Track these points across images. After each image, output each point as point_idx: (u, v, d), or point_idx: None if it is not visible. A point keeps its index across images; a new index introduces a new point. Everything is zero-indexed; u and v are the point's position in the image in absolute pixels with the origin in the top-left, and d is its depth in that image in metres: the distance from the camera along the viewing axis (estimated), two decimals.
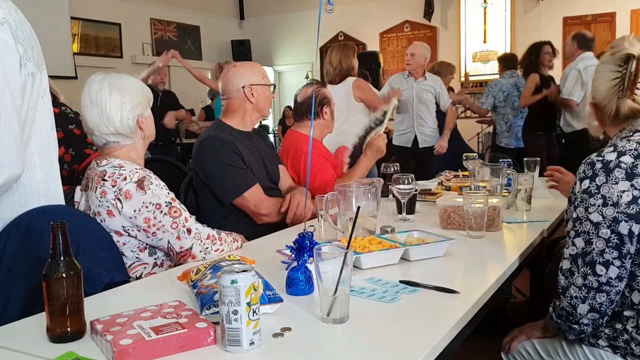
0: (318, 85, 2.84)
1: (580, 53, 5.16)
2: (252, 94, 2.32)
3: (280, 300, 1.23)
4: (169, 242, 1.70)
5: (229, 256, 1.46)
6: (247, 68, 2.37)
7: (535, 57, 5.32)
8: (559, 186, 2.34)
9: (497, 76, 7.64)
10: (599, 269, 1.36)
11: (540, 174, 2.80)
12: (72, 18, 7.77)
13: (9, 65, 1.36)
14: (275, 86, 2.48)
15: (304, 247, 1.37)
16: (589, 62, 4.88)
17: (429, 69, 5.52)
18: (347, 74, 4.13)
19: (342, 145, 3.30)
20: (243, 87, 2.31)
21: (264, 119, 2.59)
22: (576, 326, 1.43)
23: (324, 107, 2.76)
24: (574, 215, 1.41)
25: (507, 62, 5.86)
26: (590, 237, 1.37)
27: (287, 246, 1.42)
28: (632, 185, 1.33)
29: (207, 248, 1.74)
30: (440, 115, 5.03)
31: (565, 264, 1.43)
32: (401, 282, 1.42)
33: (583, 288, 1.38)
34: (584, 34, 5.15)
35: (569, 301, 1.40)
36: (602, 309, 1.37)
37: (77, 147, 2.86)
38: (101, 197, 1.67)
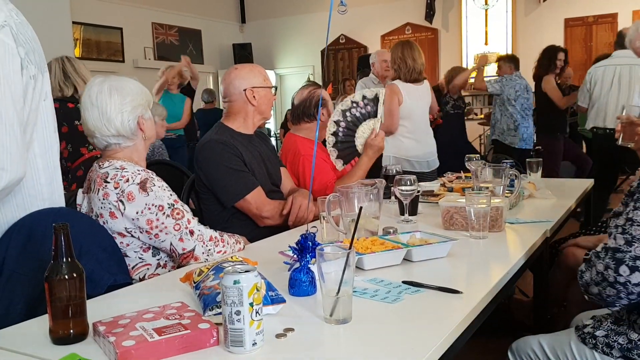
0: (314, 86, 2.82)
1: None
2: (254, 96, 2.32)
3: (283, 300, 1.23)
4: (171, 243, 1.70)
5: (232, 257, 1.46)
6: (249, 70, 2.37)
7: (552, 60, 5.27)
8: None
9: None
10: (623, 269, 1.31)
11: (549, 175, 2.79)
12: (73, 23, 7.79)
13: (9, 68, 1.35)
14: (276, 88, 2.48)
15: (306, 248, 1.37)
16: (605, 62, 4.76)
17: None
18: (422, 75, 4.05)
19: None
20: (245, 90, 2.31)
21: (265, 121, 2.58)
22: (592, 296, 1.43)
23: (322, 109, 2.73)
24: (630, 215, 1.35)
25: (516, 62, 5.78)
26: (633, 241, 1.31)
27: (289, 247, 1.42)
28: None
29: (209, 250, 1.74)
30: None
31: (599, 248, 1.39)
32: (404, 282, 1.42)
33: (599, 275, 1.35)
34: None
35: (586, 280, 1.40)
36: (608, 300, 1.36)
37: (75, 145, 2.89)
38: (103, 199, 1.67)
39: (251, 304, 1.02)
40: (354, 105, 2.65)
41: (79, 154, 2.90)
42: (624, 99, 4.39)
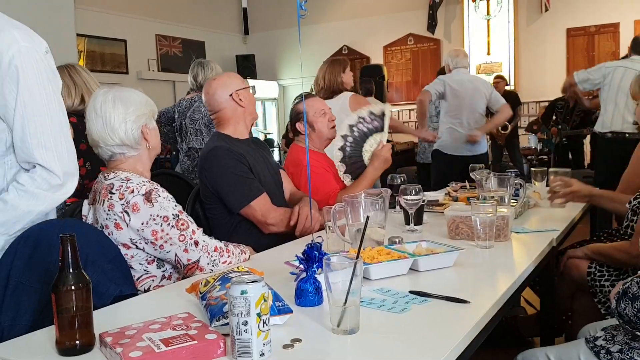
0: (298, 99, 2.86)
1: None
2: (240, 99, 2.35)
3: (290, 311, 1.22)
4: (176, 254, 1.70)
5: (238, 268, 1.45)
6: (227, 77, 2.42)
7: None
8: (572, 198, 2.37)
9: None
10: None
11: None
12: (78, 35, 7.83)
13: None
14: (254, 87, 2.50)
15: (312, 258, 1.36)
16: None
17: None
18: (338, 89, 3.95)
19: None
20: (231, 95, 2.33)
21: (255, 122, 2.58)
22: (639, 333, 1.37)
23: (297, 123, 2.76)
24: None
25: None
26: None
27: (296, 257, 1.41)
28: None
29: (214, 260, 1.73)
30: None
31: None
32: (411, 292, 1.41)
33: None
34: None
35: (636, 312, 1.34)
36: None
37: (94, 163, 2.85)
38: (109, 210, 1.67)
39: (258, 315, 1.01)
40: (361, 120, 2.72)
41: (98, 171, 2.86)
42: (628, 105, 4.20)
